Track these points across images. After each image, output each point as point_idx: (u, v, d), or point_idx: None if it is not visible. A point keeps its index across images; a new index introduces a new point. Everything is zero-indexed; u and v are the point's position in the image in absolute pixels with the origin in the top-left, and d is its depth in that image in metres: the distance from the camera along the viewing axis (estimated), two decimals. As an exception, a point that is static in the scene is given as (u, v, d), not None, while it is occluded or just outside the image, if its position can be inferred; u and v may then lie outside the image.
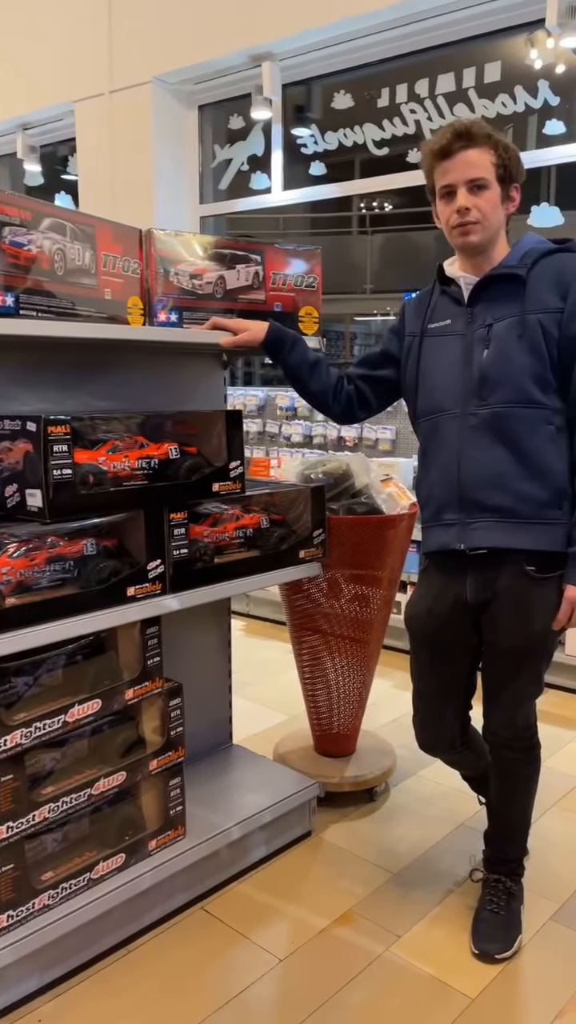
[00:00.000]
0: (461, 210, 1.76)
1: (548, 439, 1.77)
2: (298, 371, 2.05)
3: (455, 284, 1.88)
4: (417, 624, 1.98)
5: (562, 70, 3.84)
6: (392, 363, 2.04)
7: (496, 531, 1.79)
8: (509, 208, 1.82)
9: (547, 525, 1.78)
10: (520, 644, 1.83)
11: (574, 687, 3.44)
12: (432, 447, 1.89)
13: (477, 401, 1.79)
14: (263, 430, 4.75)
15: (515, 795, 1.99)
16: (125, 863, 1.92)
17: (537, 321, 1.75)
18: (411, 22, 4.07)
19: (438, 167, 1.78)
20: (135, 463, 1.85)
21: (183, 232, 2.06)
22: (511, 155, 1.77)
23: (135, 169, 4.99)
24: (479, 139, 1.74)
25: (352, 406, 2.09)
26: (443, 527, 1.86)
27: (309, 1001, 1.77)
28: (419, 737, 2.05)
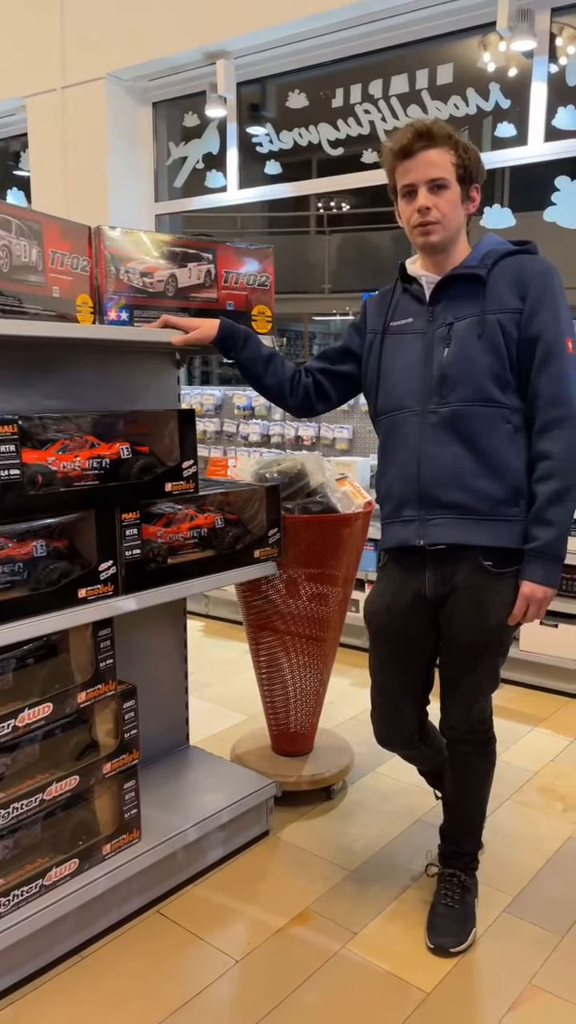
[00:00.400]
0: (422, 209, 1.77)
1: (506, 438, 1.79)
2: (252, 366, 2.05)
3: (416, 283, 1.90)
4: (376, 619, 1.99)
5: (514, 73, 3.90)
6: (352, 359, 2.05)
7: (455, 527, 1.81)
8: (469, 208, 1.84)
9: (505, 522, 1.80)
10: (477, 638, 1.86)
11: (529, 682, 3.49)
12: (392, 444, 1.91)
13: (437, 399, 1.81)
14: (220, 429, 4.74)
15: (471, 788, 2.01)
16: (79, 868, 1.90)
17: (497, 321, 1.77)
18: (365, 23, 4.09)
19: (399, 167, 1.80)
20: (86, 463, 1.83)
21: (134, 230, 2.04)
22: (471, 155, 1.79)
23: (89, 166, 4.94)
24: (440, 139, 1.76)
25: (310, 399, 2.09)
26: (402, 523, 1.88)
27: (265, 1001, 1.77)
28: (377, 732, 2.07)
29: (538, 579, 1.79)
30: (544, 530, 1.78)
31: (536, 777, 2.74)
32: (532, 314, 1.77)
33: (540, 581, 1.79)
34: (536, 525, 1.79)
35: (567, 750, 2.93)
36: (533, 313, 1.77)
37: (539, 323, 1.76)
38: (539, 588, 1.79)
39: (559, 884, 2.17)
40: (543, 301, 1.77)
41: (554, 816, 2.50)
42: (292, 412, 2.13)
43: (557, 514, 1.77)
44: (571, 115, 3.74)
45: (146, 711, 2.44)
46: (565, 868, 2.24)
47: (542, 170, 3.85)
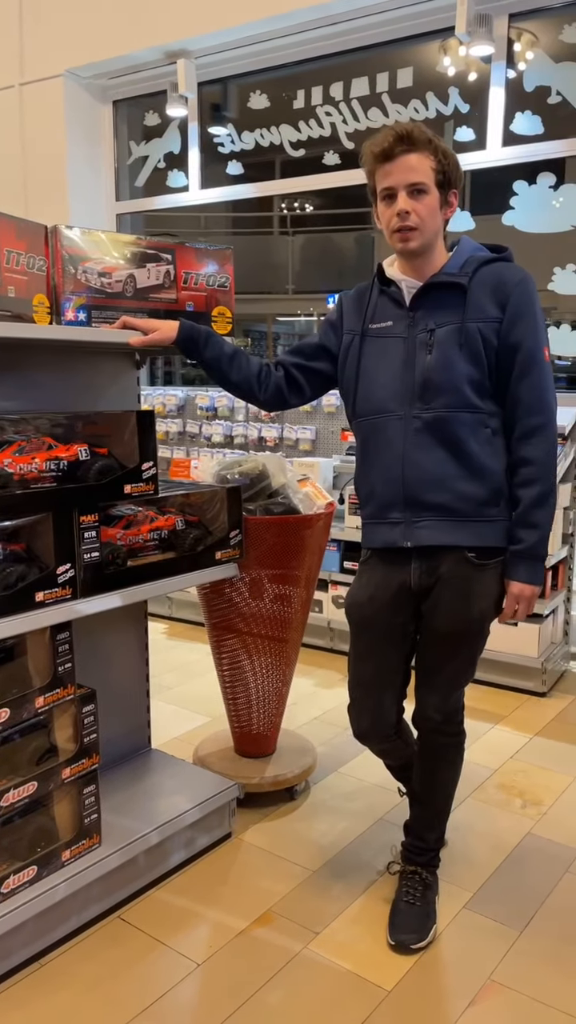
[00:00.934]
0: (401, 214, 1.78)
1: (486, 441, 1.84)
2: (217, 364, 2.04)
3: (395, 286, 1.91)
4: (359, 612, 2.00)
5: (473, 78, 3.94)
6: (328, 357, 2.05)
7: (440, 529, 1.85)
8: (447, 213, 1.86)
9: (487, 522, 1.86)
10: (460, 627, 1.90)
11: (490, 680, 3.53)
12: (374, 447, 1.92)
13: (420, 405, 1.84)
14: (183, 430, 4.72)
15: (440, 780, 2.05)
16: (37, 875, 1.88)
17: (477, 330, 1.80)
18: (325, 25, 4.11)
19: (379, 169, 1.80)
20: (43, 465, 1.81)
21: (92, 229, 2.02)
22: (450, 161, 1.80)
23: (48, 164, 4.88)
24: (420, 144, 1.76)
25: (282, 393, 2.08)
26: (389, 525, 1.91)
27: (227, 1003, 1.77)
28: (355, 726, 2.07)
29: (525, 579, 1.86)
30: (529, 532, 1.84)
31: (496, 774, 2.77)
32: (512, 324, 1.81)
33: (527, 580, 1.86)
34: (521, 527, 1.85)
35: (526, 747, 2.97)
36: (513, 323, 1.80)
37: (518, 333, 1.81)
38: (527, 587, 1.87)
39: (518, 879, 2.20)
40: (522, 311, 1.81)
41: (513, 812, 2.53)
42: (262, 406, 2.12)
43: (541, 516, 1.84)
44: (529, 120, 3.80)
45: (107, 715, 2.42)
46: (524, 863, 2.27)
47: (501, 174, 3.91)
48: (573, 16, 3.64)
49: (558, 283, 3.79)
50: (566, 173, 3.78)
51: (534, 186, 3.80)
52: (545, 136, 3.77)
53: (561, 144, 3.71)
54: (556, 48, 3.70)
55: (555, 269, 3.77)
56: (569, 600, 3.75)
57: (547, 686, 3.45)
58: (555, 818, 2.50)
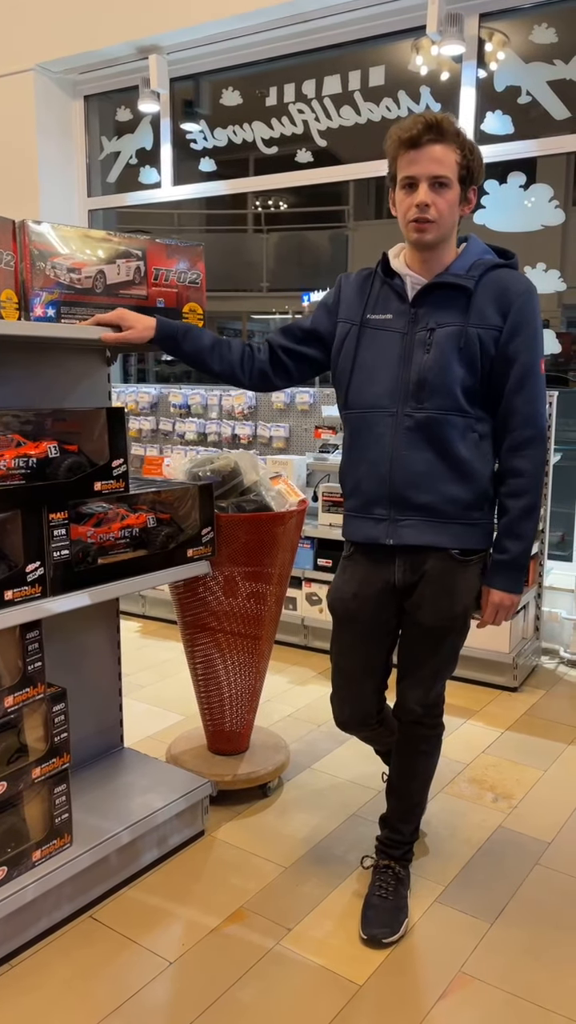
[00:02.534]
0: (420, 205, 1.76)
1: (474, 445, 1.85)
2: (198, 357, 2.02)
3: (399, 278, 1.89)
4: (343, 606, 2.01)
5: (445, 77, 3.96)
6: (319, 342, 2.02)
7: (424, 529, 1.86)
8: (465, 209, 1.84)
9: (470, 525, 1.88)
10: (443, 622, 1.92)
11: (462, 676, 3.56)
12: (363, 441, 1.91)
13: (414, 403, 1.84)
14: (156, 428, 4.70)
15: (417, 772, 2.07)
16: (7, 876, 1.86)
17: (477, 335, 1.80)
18: (298, 22, 4.11)
19: (403, 156, 1.77)
20: (11, 462, 1.79)
21: (61, 225, 2.01)
22: (475, 156, 1.79)
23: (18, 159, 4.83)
24: (448, 135, 1.74)
25: (267, 375, 2.05)
26: (373, 521, 1.91)
27: (199, 1001, 1.76)
28: (337, 715, 2.09)
29: (506, 588, 1.89)
30: (515, 543, 1.86)
31: (468, 769, 2.79)
32: (512, 335, 1.80)
33: (508, 589, 1.89)
34: (507, 538, 1.87)
35: (498, 742, 3.00)
36: (513, 334, 1.80)
37: (517, 344, 1.81)
38: (507, 596, 1.90)
39: (489, 873, 2.22)
40: (523, 323, 1.81)
41: (485, 806, 2.56)
42: (248, 389, 2.11)
43: (527, 528, 1.87)
44: (499, 120, 3.83)
45: (78, 714, 2.41)
46: (495, 857, 2.30)
47: (472, 173, 3.93)
48: (543, 16, 3.68)
49: (529, 282, 3.82)
50: (536, 173, 3.82)
51: (505, 185, 3.84)
52: (515, 136, 3.81)
53: (531, 144, 3.75)
54: (526, 48, 3.74)
55: (525, 268, 3.81)
56: (540, 596, 3.80)
57: (518, 681, 3.49)
58: (526, 812, 2.53)
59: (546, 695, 3.44)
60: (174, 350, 2.02)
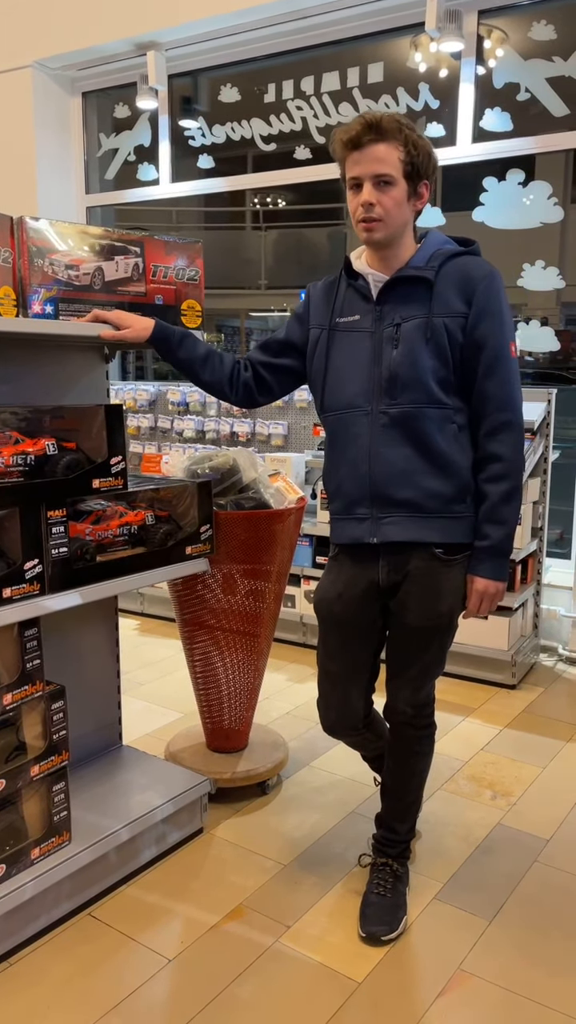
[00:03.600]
0: (365, 205, 1.77)
1: (452, 437, 1.84)
2: (189, 366, 2.03)
3: (362, 279, 1.89)
4: (327, 608, 2.00)
5: (444, 74, 3.95)
6: (294, 352, 2.04)
7: (407, 525, 1.85)
8: (417, 205, 1.84)
9: (454, 518, 1.86)
10: (428, 623, 1.91)
11: (460, 673, 3.56)
12: (342, 442, 1.92)
13: (388, 400, 1.83)
14: (155, 425, 4.69)
15: (410, 773, 2.06)
16: (6, 874, 1.86)
17: (443, 324, 1.79)
18: (296, 19, 4.10)
19: (348, 158, 1.78)
20: (10, 459, 1.79)
21: (59, 221, 2.00)
22: (420, 151, 1.78)
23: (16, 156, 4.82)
24: (389, 133, 1.74)
25: (252, 393, 2.08)
26: (355, 521, 1.90)
27: (198, 998, 1.77)
28: (324, 719, 2.08)
29: (490, 575, 1.87)
30: (495, 528, 1.84)
31: (466, 766, 2.79)
32: (478, 320, 1.80)
33: (492, 576, 1.87)
34: (488, 524, 1.85)
35: (496, 739, 3.00)
36: (478, 319, 1.80)
37: (484, 329, 1.80)
38: (491, 583, 1.87)
39: (487, 870, 2.23)
40: (488, 307, 1.80)
41: (483, 804, 2.56)
42: (235, 405, 2.12)
43: (507, 513, 1.84)
44: (498, 117, 3.83)
45: (77, 711, 2.41)
46: (493, 854, 2.30)
47: (471, 171, 3.93)
48: (542, 13, 3.67)
49: (527, 279, 3.82)
50: (535, 170, 3.81)
51: (504, 182, 3.83)
52: (514, 133, 3.80)
53: (530, 141, 3.74)
54: (525, 45, 3.73)
55: (524, 265, 3.81)
56: (539, 593, 3.80)
57: (517, 679, 3.49)
58: (524, 809, 2.53)
59: (544, 692, 3.45)
60: (167, 353, 2.02)
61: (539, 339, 3.90)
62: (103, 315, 1.97)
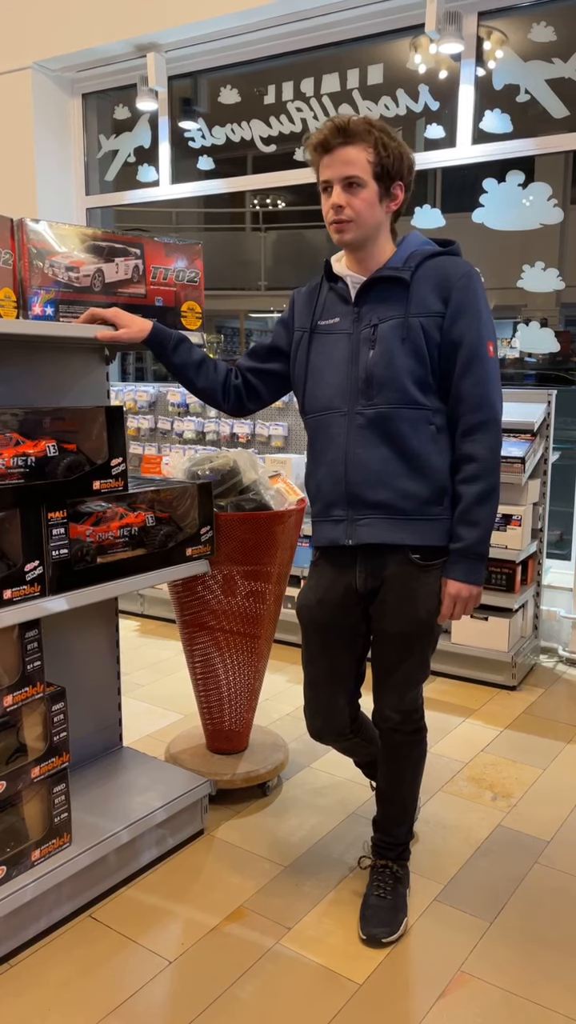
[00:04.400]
0: (335, 207, 1.78)
1: (430, 439, 1.82)
2: (183, 370, 2.04)
3: (342, 281, 1.90)
4: (308, 614, 2.00)
5: (443, 76, 3.96)
6: (281, 356, 2.04)
7: (382, 527, 1.84)
8: (391, 206, 1.84)
9: (430, 521, 1.84)
10: (407, 629, 1.89)
11: (460, 674, 3.56)
12: (320, 444, 1.92)
13: (364, 401, 1.83)
14: (155, 426, 4.69)
15: (403, 777, 2.05)
16: (6, 875, 1.86)
17: (419, 324, 1.79)
18: (296, 20, 4.10)
19: (320, 162, 1.80)
20: (10, 461, 1.79)
21: (59, 223, 2.00)
22: (391, 152, 1.78)
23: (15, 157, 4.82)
24: (356, 136, 1.75)
25: (242, 399, 2.09)
26: (332, 523, 1.90)
27: (198, 1000, 1.76)
28: (310, 725, 2.08)
29: (463, 578, 1.84)
30: (469, 530, 1.82)
31: (467, 768, 2.79)
32: (454, 318, 1.79)
33: (465, 580, 1.84)
34: (462, 525, 1.83)
35: (496, 740, 3.00)
36: (455, 318, 1.79)
37: (461, 328, 1.79)
38: (464, 587, 1.84)
39: (488, 871, 2.22)
40: (465, 306, 1.79)
41: (483, 805, 2.56)
42: (226, 413, 2.13)
43: (482, 514, 1.82)
44: (498, 119, 3.83)
45: (77, 713, 2.41)
46: (493, 856, 2.30)
47: (471, 172, 3.93)
48: (541, 15, 3.68)
49: (527, 280, 3.83)
50: (535, 171, 3.82)
51: (503, 184, 3.83)
52: (514, 134, 3.80)
53: (530, 142, 3.75)
54: (525, 47, 3.73)
55: (524, 266, 3.81)
56: (539, 595, 3.80)
57: (517, 680, 3.49)
58: (525, 810, 2.53)
59: (545, 693, 3.45)
60: (163, 356, 2.02)
61: (539, 340, 3.90)
62: (101, 313, 1.97)
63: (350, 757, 2.24)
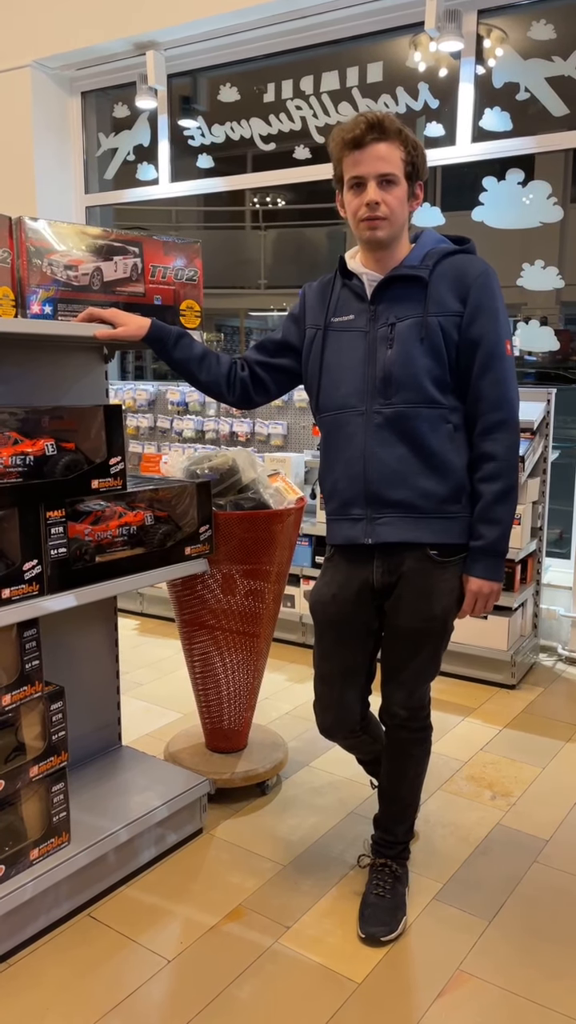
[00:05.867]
0: (370, 204, 1.77)
1: (447, 437, 1.83)
2: (186, 365, 2.03)
3: (357, 279, 1.89)
4: (322, 609, 2.00)
5: (443, 74, 3.95)
6: (291, 352, 2.03)
7: (401, 526, 1.85)
8: (413, 205, 1.85)
9: (449, 519, 1.85)
10: (422, 625, 1.90)
11: (460, 673, 3.56)
12: (337, 443, 1.91)
13: (382, 400, 1.83)
14: (154, 425, 4.69)
15: (407, 775, 2.05)
16: (5, 875, 1.86)
17: (437, 323, 1.79)
18: (295, 18, 4.10)
19: (348, 157, 1.78)
20: (9, 460, 1.78)
21: (57, 221, 2.00)
22: (419, 152, 1.80)
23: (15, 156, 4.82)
24: (391, 133, 1.75)
25: (248, 392, 2.07)
26: (350, 521, 1.90)
27: (197, 999, 1.76)
28: (320, 721, 2.08)
29: (485, 575, 1.86)
30: (490, 528, 1.83)
31: (466, 766, 2.79)
32: (472, 318, 1.79)
33: (487, 577, 1.86)
34: (482, 523, 1.84)
35: (496, 739, 3.00)
36: (473, 317, 1.79)
37: (479, 327, 1.79)
38: (486, 584, 1.86)
39: (487, 870, 2.22)
40: (483, 305, 1.80)
41: (483, 804, 2.56)
42: (231, 405, 2.12)
43: (502, 513, 1.83)
44: (498, 117, 3.82)
45: (76, 712, 2.41)
46: (493, 854, 2.30)
47: (470, 170, 3.93)
48: (541, 13, 3.67)
49: (527, 279, 3.82)
50: (535, 169, 3.81)
51: (503, 182, 3.83)
52: (514, 133, 3.80)
53: (530, 141, 3.74)
54: (524, 45, 3.73)
55: (524, 265, 3.81)
56: (538, 593, 3.79)
57: (516, 679, 3.49)
58: (524, 809, 2.53)
59: (544, 692, 3.44)
60: (163, 353, 2.02)
61: (538, 339, 3.90)
62: (99, 313, 1.97)
63: (354, 754, 2.24)
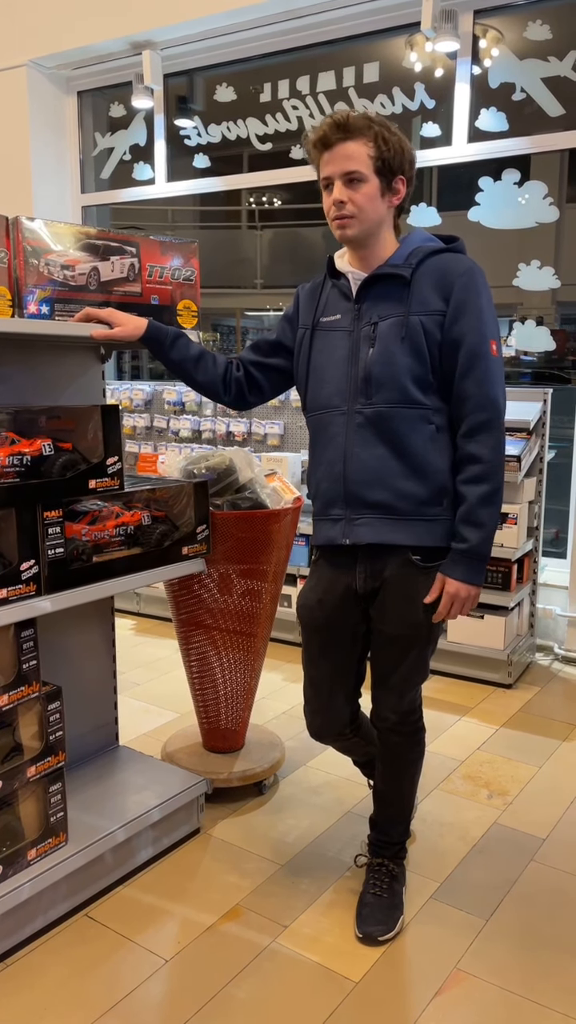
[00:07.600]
0: (337, 203, 1.78)
1: (429, 438, 1.81)
2: (182, 366, 2.03)
3: (344, 278, 1.89)
4: (308, 614, 2.00)
5: (439, 74, 3.95)
6: (284, 352, 2.04)
7: (379, 527, 1.83)
8: (392, 201, 1.82)
9: (428, 521, 1.83)
10: (406, 631, 1.89)
11: (456, 673, 3.57)
12: (321, 442, 1.91)
13: (363, 399, 1.82)
14: (151, 425, 4.69)
15: (401, 778, 2.04)
16: (2, 875, 1.86)
17: (419, 322, 1.77)
18: (292, 18, 4.10)
19: (320, 159, 1.80)
20: (6, 460, 1.78)
21: (54, 221, 2.00)
22: (392, 147, 1.76)
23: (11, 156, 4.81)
24: (357, 131, 1.75)
25: (243, 392, 2.08)
26: (330, 522, 1.90)
27: (195, 999, 1.77)
28: (310, 725, 2.08)
29: (463, 578, 1.82)
30: (473, 531, 1.80)
31: (463, 766, 2.80)
32: (455, 317, 1.77)
33: (466, 580, 1.82)
34: (466, 526, 1.80)
35: (492, 738, 3.01)
36: (456, 316, 1.77)
37: (462, 326, 1.77)
38: (463, 587, 1.82)
39: (484, 869, 2.23)
40: (466, 303, 1.77)
41: (479, 803, 2.56)
42: (227, 406, 2.12)
43: (485, 515, 1.79)
44: (494, 117, 3.83)
45: (73, 712, 2.40)
46: (489, 853, 2.30)
47: (466, 170, 3.93)
48: (537, 13, 3.68)
49: (523, 279, 3.83)
50: (531, 170, 3.82)
51: (499, 182, 3.83)
52: (510, 133, 3.80)
53: (526, 141, 3.75)
54: (521, 45, 3.73)
55: (520, 265, 3.81)
56: (535, 593, 3.80)
57: (513, 678, 3.49)
58: (520, 808, 2.54)
59: (540, 692, 3.45)
60: (160, 353, 2.01)
61: (535, 339, 3.90)
62: (95, 313, 1.97)
63: (348, 756, 2.24)
